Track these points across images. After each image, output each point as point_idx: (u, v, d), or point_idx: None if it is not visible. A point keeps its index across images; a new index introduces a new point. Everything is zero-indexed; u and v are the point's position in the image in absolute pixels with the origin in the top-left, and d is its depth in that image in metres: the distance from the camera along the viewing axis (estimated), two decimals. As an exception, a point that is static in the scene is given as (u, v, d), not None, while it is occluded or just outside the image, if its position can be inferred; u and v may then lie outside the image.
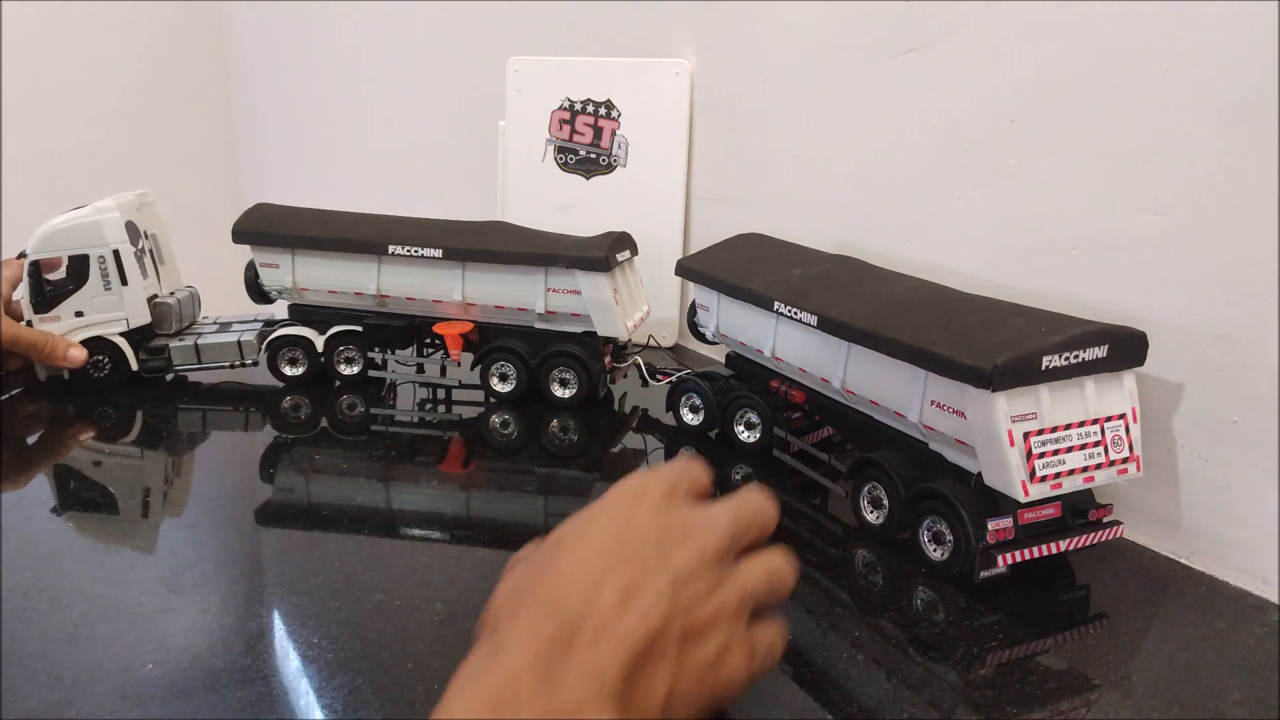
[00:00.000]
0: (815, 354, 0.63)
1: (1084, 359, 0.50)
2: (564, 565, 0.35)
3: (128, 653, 0.45)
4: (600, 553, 0.35)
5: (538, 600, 0.34)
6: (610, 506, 0.38)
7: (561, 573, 0.35)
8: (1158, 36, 0.56)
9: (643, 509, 0.37)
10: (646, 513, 0.37)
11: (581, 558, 0.35)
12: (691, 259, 0.76)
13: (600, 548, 0.35)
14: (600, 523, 0.37)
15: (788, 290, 0.65)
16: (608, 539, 0.36)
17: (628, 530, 0.36)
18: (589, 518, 0.38)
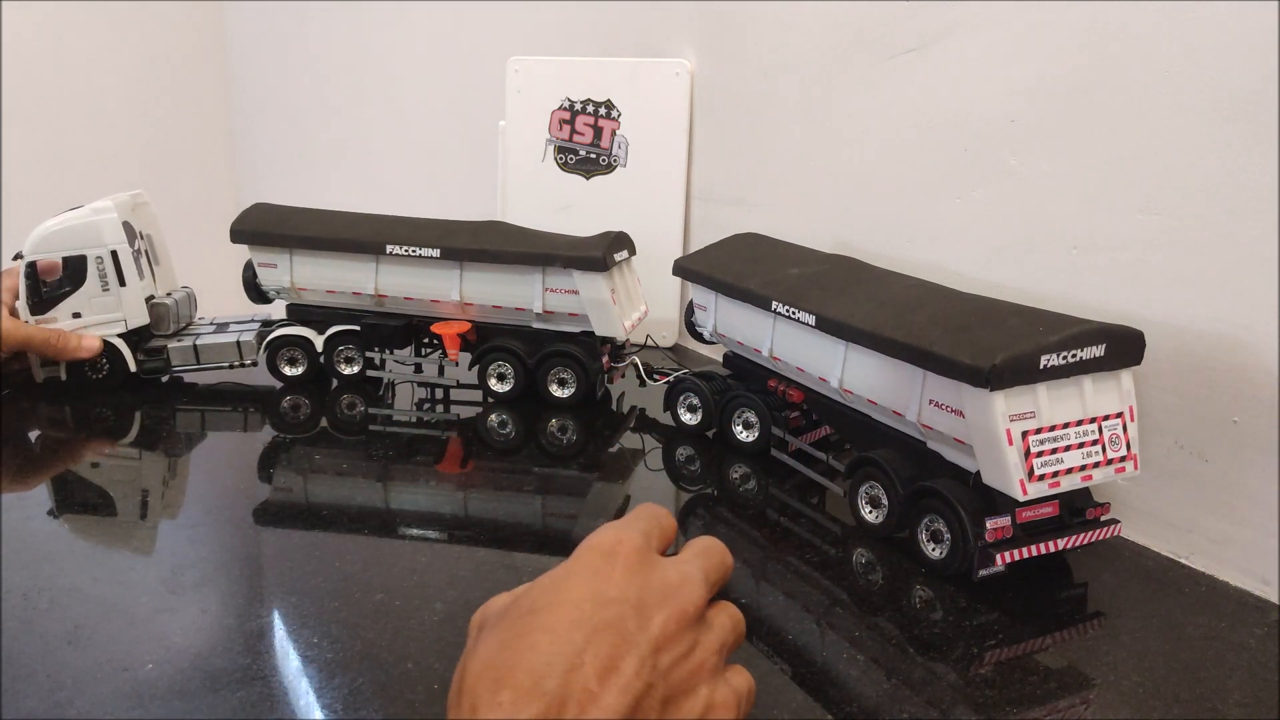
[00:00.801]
0: (813, 353, 0.63)
1: (1082, 358, 0.50)
2: (540, 639, 0.33)
3: (128, 653, 0.45)
4: (577, 624, 0.33)
5: (517, 680, 0.32)
6: (583, 567, 0.36)
7: (538, 648, 0.33)
8: (1158, 36, 0.56)
9: (617, 570, 0.35)
10: (622, 575, 0.35)
11: (558, 630, 0.33)
12: (689, 259, 0.76)
13: (577, 618, 0.33)
14: (574, 587, 0.35)
15: (785, 290, 0.65)
16: (584, 607, 0.34)
17: (604, 595, 0.34)
18: (562, 578, 0.36)
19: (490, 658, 0.33)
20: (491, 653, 0.33)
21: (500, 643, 0.34)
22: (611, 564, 0.36)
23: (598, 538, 0.37)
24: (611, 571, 0.35)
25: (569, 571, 0.36)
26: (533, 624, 0.34)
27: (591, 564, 0.36)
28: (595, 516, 0.63)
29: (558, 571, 0.36)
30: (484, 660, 0.33)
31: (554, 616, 0.34)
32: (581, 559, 0.36)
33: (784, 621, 0.49)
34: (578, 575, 0.36)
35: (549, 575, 0.36)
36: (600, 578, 0.35)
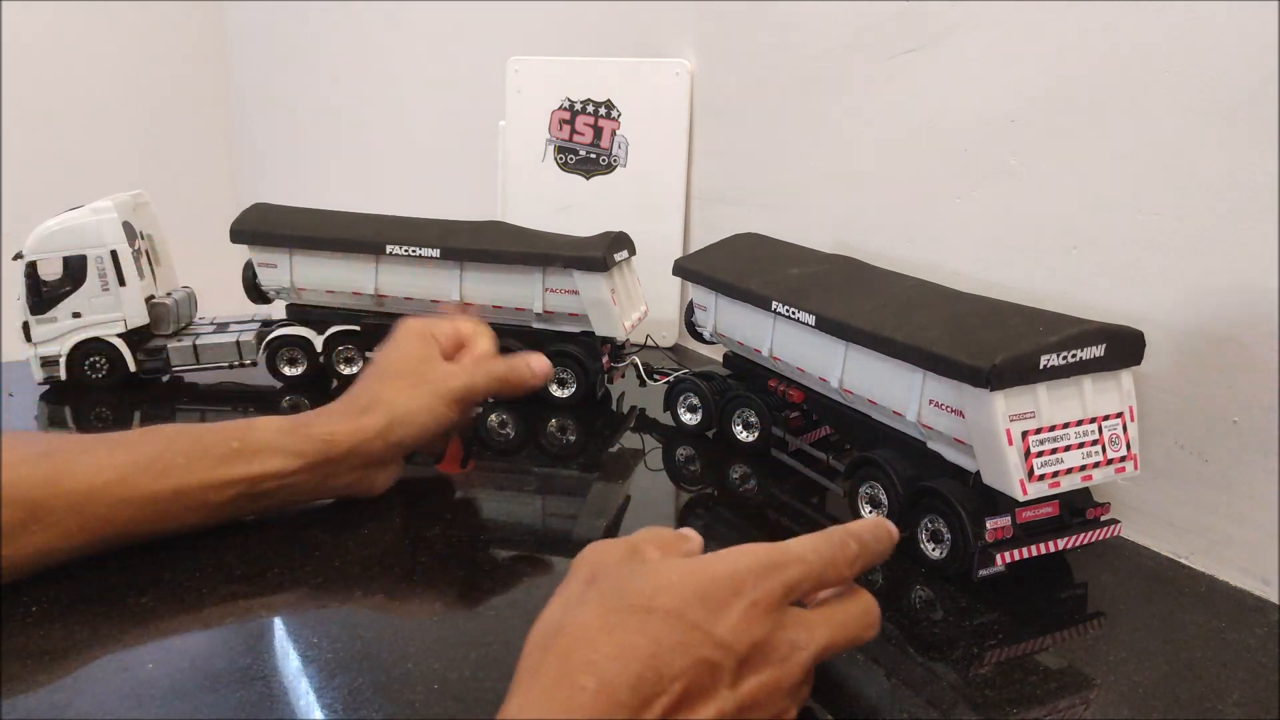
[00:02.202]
0: (813, 353, 0.63)
1: (1082, 358, 0.50)
2: (642, 645, 0.32)
3: (128, 653, 0.45)
4: (681, 649, 0.32)
5: (605, 672, 0.31)
6: (715, 587, 0.34)
7: (636, 652, 0.32)
8: (1158, 36, 0.56)
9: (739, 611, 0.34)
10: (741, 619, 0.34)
11: (662, 645, 0.32)
12: (689, 259, 0.76)
13: (683, 643, 0.32)
14: (696, 607, 0.33)
15: (785, 290, 0.65)
16: (694, 635, 0.33)
17: (715, 633, 0.33)
18: (692, 586, 0.34)
19: (593, 632, 0.33)
20: (595, 627, 0.33)
21: (607, 625, 0.33)
22: (738, 599, 0.34)
23: (740, 563, 0.35)
24: (733, 608, 0.34)
25: (698, 587, 0.34)
26: (645, 623, 0.33)
27: (721, 590, 0.34)
28: (595, 516, 0.63)
29: (687, 574, 0.35)
30: (582, 630, 0.33)
31: (666, 629, 0.32)
32: (716, 579, 0.34)
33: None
34: (706, 594, 0.34)
35: (677, 571, 0.35)
36: (722, 612, 0.33)
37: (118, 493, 0.50)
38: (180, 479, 0.51)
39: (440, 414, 0.58)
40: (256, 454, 0.53)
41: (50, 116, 2.18)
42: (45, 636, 0.46)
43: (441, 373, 0.59)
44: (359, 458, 0.57)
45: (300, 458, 0.54)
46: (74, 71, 2.20)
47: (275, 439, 0.54)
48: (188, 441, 0.53)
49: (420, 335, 0.61)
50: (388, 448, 0.57)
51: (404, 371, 0.59)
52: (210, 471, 0.52)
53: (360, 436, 0.56)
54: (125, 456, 0.51)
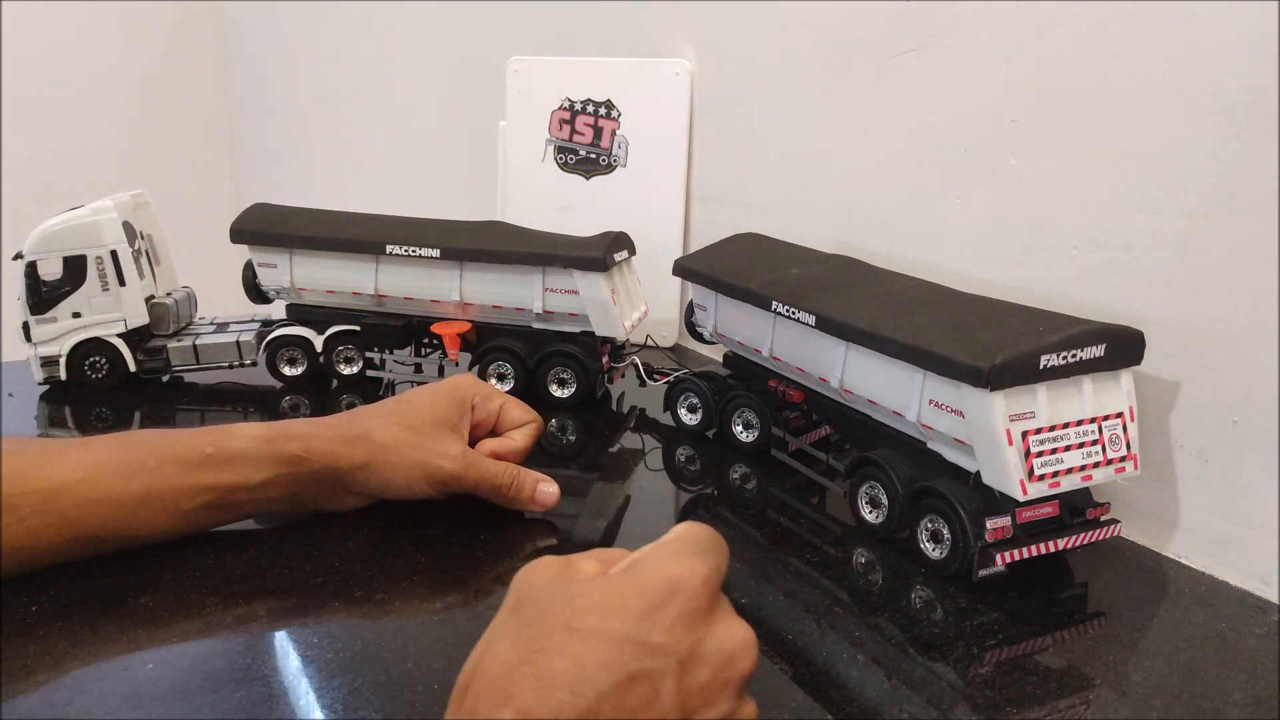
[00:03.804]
0: (813, 353, 0.63)
1: (1082, 358, 0.50)
2: (565, 668, 0.30)
3: (128, 653, 0.45)
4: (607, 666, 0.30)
5: (525, 704, 0.29)
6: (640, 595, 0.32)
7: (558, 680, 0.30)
8: (1158, 36, 0.56)
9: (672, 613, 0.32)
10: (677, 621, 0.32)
11: (587, 667, 0.30)
12: (689, 259, 0.76)
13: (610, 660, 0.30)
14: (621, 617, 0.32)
15: (785, 290, 0.65)
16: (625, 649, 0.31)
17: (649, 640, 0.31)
18: (615, 598, 0.32)
19: (509, 665, 0.31)
20: (513, 658, 0.31)
21: (523, 654, 0.31)
22: (671, 602, 0.32)
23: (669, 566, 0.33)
24: (666, 612, 0.32)
25: (623, 593, 0.32)
26: (565, 644, 0.30)
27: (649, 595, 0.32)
28: (595, 516, 0.63)
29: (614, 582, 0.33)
30: (503, 663, 0.31)
31: (587, 648, 0.30)
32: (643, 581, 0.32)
33: (784, 621, 0.49)
34: (630, 602, 0.32)
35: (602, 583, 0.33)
36: (652, 617, 0.31)
37: (85, 493, 0.49)
38: (149, 482, 0.51)
39: (416, 486, 0.57)
40: (228, 462, 0.53)
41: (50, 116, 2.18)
42: (45, 637, 0.46)
43: (441, 448, 0.57)
44: (327, 481, 0.56)
45: (272, 469, 0.54)
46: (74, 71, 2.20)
47: (249, 447, 0.53)
48: (160, 446, 0.52)
49: (458, 396, 0.59)
50: (355, 483, 0.57)
51: (411, 424, 0.57)
52: (180, 477, 0.52)
53: (333, 461, 0.55)
54: (95, 457, 0.51)
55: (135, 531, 0.51)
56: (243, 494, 0.54)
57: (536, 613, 0.32)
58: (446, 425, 0.58)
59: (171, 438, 0.53)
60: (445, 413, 0.58)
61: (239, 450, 0.53)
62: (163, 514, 0.52)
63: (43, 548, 0.49)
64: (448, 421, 0.58)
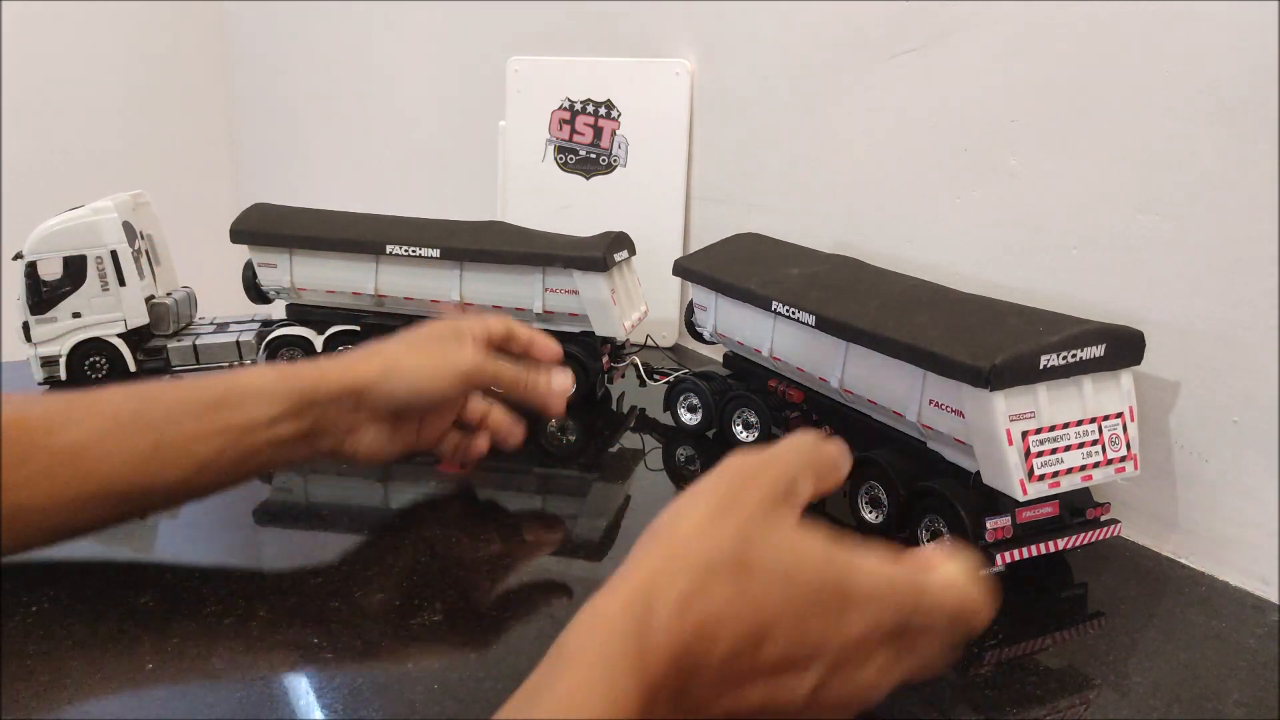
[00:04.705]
0: (813, 353, 0.63)
1: (1082, 358, 0.50)
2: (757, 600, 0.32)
3: (128, 653, 0.45)
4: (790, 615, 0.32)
5: (703, 614, 0.31)
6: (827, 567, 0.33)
7: (743, 611, 0.31)
8: (1158, 36, 0.56)
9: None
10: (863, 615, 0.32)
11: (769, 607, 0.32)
12: (689, 259, 0.76)
13: (796, 608, 0.32)
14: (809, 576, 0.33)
15: (785, 290, 0.65)
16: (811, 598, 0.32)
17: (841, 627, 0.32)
18: (820, 558, 0.33)
19: (699, 526, 0.33)
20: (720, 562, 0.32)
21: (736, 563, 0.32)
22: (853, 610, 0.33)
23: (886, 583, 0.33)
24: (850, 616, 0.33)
25: (825, 582, 0.33)
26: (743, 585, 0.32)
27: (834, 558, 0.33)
28: (595, 516, 0.63)
29: (828, 560, 0.33)
30: (694, 527, 0.33)
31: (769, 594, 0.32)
32: (851, 585, 0.33)
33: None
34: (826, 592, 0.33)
35: (822, 552, 0.33)
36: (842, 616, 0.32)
37: (98, 447, 0.48)
38: (161, 432, 0.49)
39: (441, 382, 0.56)
40: (240, 401, 0.51)
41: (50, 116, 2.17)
42: (45, 636, 0.46)
43: (454, 349, 0.57)
44: (347, 405, 0.54)
45: (285, 400, 0.51)
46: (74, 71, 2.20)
47: (260, 383, 0.52)
48: (170, 393, 0.51)
49: (448, 325, 0.60)
50: (378, 397, 0.55)
51: (415, 340, 0.58)
52: (193, 422, 0.50)
53: (350, 379, 0.54)
54: (103, 410, 0.49)
55: (151, 484, 0.49)
56: (258, 434, 0.51)
57: (744, 539, 0.33)
58: (448, 339, 0.58)
59: (180, 385, 0.52)
60: (442, 332, 0.59)
61: (250, 386, 0.51)
62: (177, 464, 0.49)
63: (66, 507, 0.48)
64: (447, 337, 0.58)
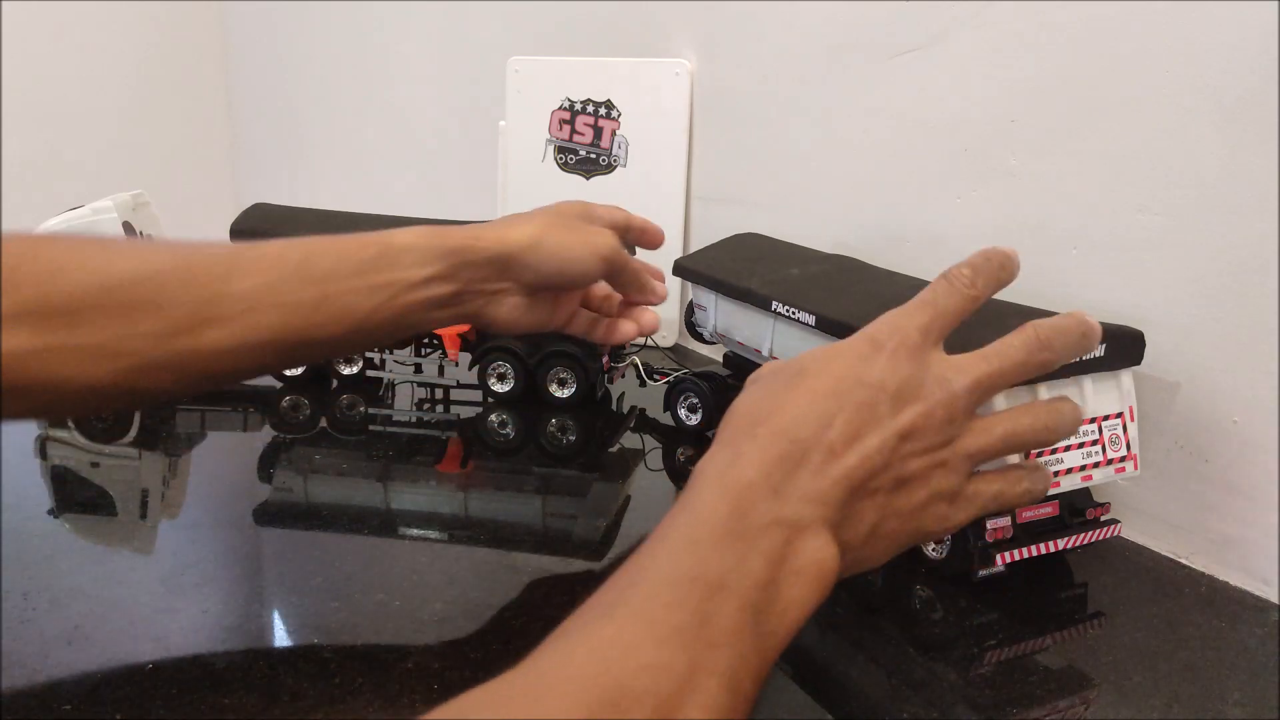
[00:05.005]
0: None
1: (1081, 358, 0.50)
2: (801, 397, 0.38)
3: (128, 653, 0.45)
4: (834, 394, 0.37)
5: (773, 423, 0.37)
6: (853, 349, 0.39)
7: (797, 403, 0.37)
8: (1158, 36, 0.56)
9: (882, 360, 0.38)
10: (885, 365, 0.38)
11: (818, 394, 0.38)
12: (689, 259, 0.76)
13: (836, 389, 0.38)
14: (840, 364, 0.39)
15: (785, 290, 0.65)
16: (845, 382, 0.38)
17: (864, 378, 0.38)
18: (833, 354, 0.39)
19: (756, 402, 0.39)
20: (758, 399, 0.39)
21: (767, 392, 0.39)
22: (878, 352, 0.39)
23: (875, 326, 0.40)
24: (877, 359, 0.39)
25: (840, 350, 0.40)
26: (798, 384, 0.38)
27: (860, 349, 0.39)
28: (595, 516, 0.63)
29: (831, 347, 0.40)
30: (751, 402, 0.39)
31: (817, 383, 0.38)
32: (855, 341, 0.40)
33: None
34: (846, 355, 0.39)
35: (822, 349, 0.40)
36: (865, 362, 0.38)
37: (267, 299, 0.48)
38: (324, 286, 0.50)
39: (584, 263, 0.59)
40: (396, 258, 0.52)
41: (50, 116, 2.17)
42: (45, 636, 0.46)
43: (594, 231, 0.61)
44: (496, 267, 0.56)
45: (439, 261, 0.53)
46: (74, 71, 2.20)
47: (415, 242, 0.53)
48: (331, 248, 0.52)
49: (580, 206, 0.63)
50: (524, 267, 0.57)
51: (556, 218, 0.60)
52: (353, 278, 0.51)
53: (500, 247, 0.56)
54: (272, 260, 0.50)
55: (312, 336, 0.50)
56: (414, 293, 0.52)
57: (771, 374, 0.41)
58: (584, 218, 0.63)
59: (340, 242, 0.53)
60: (578, 210, 0.63)
61: (406, 245, 0.53)
62: (337, 318, 0.50)
63: (235, 353, 0.48)
64: (583, 216, 0.63)
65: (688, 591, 0.31)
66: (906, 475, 0.38)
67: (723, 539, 0.33)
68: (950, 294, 0.42)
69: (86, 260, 0.46)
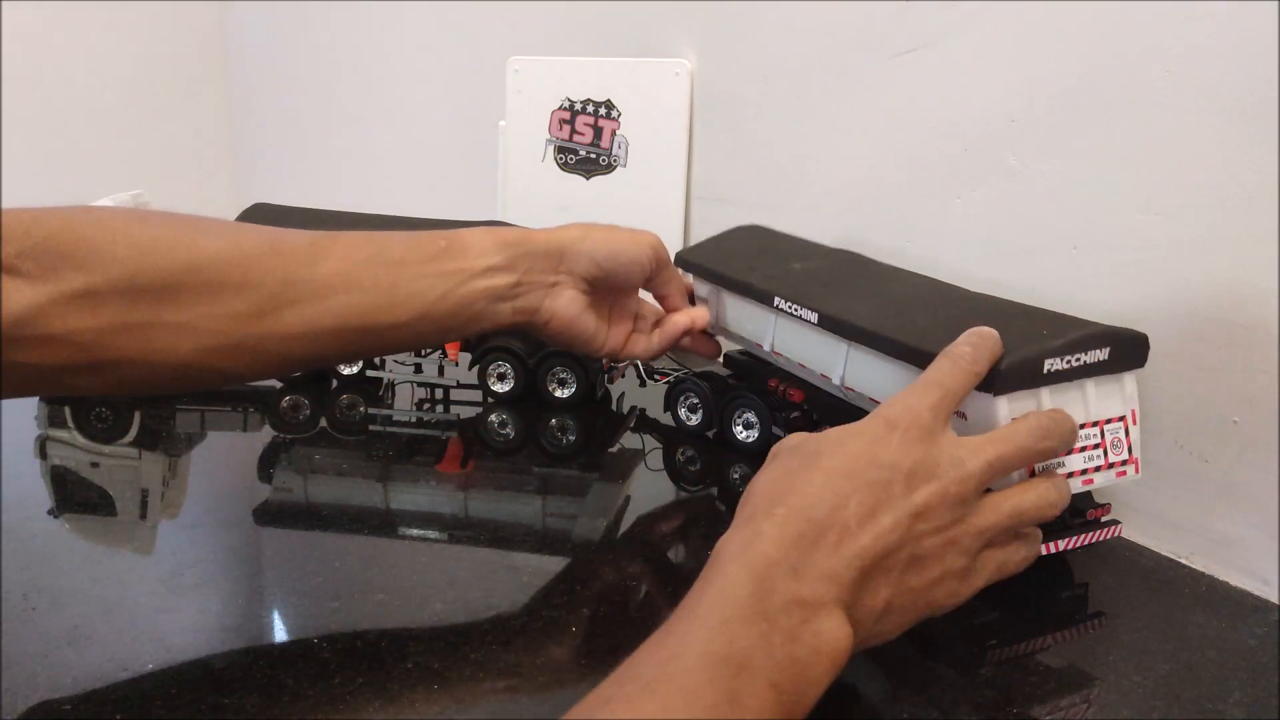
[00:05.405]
0: (815, 350, 0.63)
1: (1085, 361, 0.50)
2: (816, 477, 0.39)
3: (128, 653, 0.45)
4: (850, 474, 0.39)
5: (790, 502, 0.38)
6: (868, 431, 0.41)
7: (813, 483, 0.39)
8: (1157, 36, 0.56)
9: (895, 441, 0.40)
10: (898, 446, 0.39)
11: (833, 474, 0.39)
12: (691, 251, 0.76)
13: (851, 469, 0.39)
14: (857, 444, 0.40)
15: (788, 285, 0.65)
16: (860, 462, 0.39)
17: (878, 459, 0.39)
18: (848, 435, 0.41)
19: (774, 482, 0.40)
20: (775, 479, 0.40)
21: (784, 472, 0.40)
22: (892, 433, 0.40)
23: (888, 408, 0.42)
24: (891, 439, 0.40)
25: (855, 431, 0.41)
26: (814, 464, 0.40)
27: (875, 430, 0.41)
28: (595, 516, 0.63)
29: (846, 428, 0.41)
30: (769, 482, 0.40)
31: (832, 463, 0.39)
32: (870, 423, 0.41)
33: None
34: (861, 436, 0.41)
35: (839, 429, 0.42)
36: (880, 443, 0.40)
37: (341, 284, 0.51)
38: (395, 273, 0.53)
39: (633, 249, 0.63)
40: (463, 249, 0.56)
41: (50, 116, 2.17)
42: (45, 636, 0.46)
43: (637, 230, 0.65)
44: (551, 260, 0.60)
45: (499, 252, 0.57)
46: (74, 71, 2.20)
47: (477, 236, 0.57)
48: (400, 242, 0.55)
49: None
50: (578, 256, 0.61)
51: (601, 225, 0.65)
52: (421, 266, 0.54)
53: (553, 239, 0.60)
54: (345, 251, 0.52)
55: (380, 323, 0.52)
56: (476, 282, 0.56)
57: (789, 451, 0.42)
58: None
59: (412, 233, 0.56)
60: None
61: (469, 238, 0.57)
62: (405, 304, 0.53)
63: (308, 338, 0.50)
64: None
65: (719, 670, 0.33)
66: (920, 554, 0.38)
67: (749, 618, 0.34)
68: (956, 373, 0.44)
69: (178, 239, 0.47)
